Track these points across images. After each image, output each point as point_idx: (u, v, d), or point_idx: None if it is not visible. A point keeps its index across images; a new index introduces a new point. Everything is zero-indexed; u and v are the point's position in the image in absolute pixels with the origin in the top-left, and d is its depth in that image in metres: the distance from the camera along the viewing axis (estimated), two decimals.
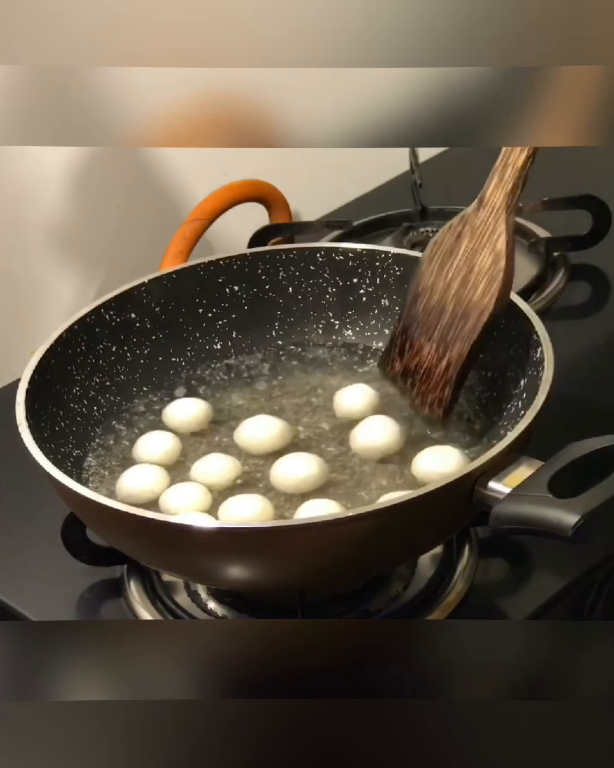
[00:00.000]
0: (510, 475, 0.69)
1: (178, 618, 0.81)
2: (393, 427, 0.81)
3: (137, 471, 0.80)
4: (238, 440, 0.82)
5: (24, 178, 1.25)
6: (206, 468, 0.80)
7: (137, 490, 0.79)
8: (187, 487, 0.78)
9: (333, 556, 0.70)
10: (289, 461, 0.79)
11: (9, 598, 0.84)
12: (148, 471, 0.80)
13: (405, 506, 0.67)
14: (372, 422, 0.81)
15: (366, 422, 0.81)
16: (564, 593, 0.81)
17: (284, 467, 0.78)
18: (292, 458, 0.79)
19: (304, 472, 0.78)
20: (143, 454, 0.82)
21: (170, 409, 0.86)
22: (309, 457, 0.79)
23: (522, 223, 1.16)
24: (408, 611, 0.80)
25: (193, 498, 0.77)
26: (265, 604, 0.81)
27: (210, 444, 0.84)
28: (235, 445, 0.83)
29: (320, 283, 0.91)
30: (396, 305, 0.89)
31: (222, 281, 0.90)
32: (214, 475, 0.79)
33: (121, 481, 0.80)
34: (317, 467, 0.78)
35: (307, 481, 0.77)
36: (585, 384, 0.97)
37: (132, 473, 0.80)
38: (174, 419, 0.85)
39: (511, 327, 0.82)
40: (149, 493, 0.79)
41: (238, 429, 0.83)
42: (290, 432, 0.82)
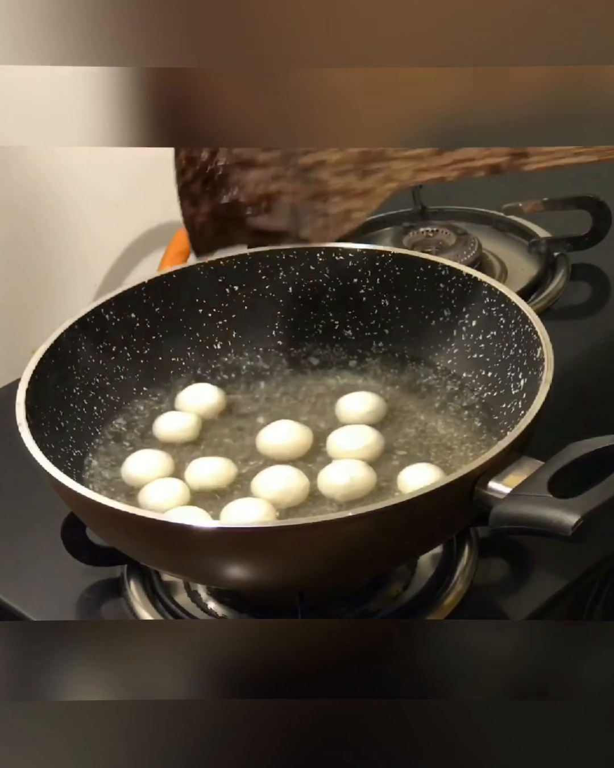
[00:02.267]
0: (510, 475, 0.69)
1: (178, 618, 0.81)
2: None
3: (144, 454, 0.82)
4: (260, 446, 0.82)
5: (24, 178, 1.25)
6: (200, 472, 0.80)
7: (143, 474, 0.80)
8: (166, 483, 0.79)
9: (334, 556, 0.70)
10: (271, 473, 0.79)
11: (9, 598, 0.84)
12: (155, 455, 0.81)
13: (405, 506, 0.67)
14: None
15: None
16: (564, 593, 0.81)
17: (267, 479, 0.78)
18: (274, 470, 0.79)
19: (286, 485, 0.77)
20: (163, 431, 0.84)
21: (185, 394, 0.87)
22: (291, 470, 0.78)
23: (522, 223, 1.16)
24: (408, 611, 0.80)
25: (170, 494, 0.78)
26: (265, 604, 0.81)
27: (210, 444, 0.84)
28: (235, 443, 0.83)
29: (320, 283, 0.91)
30: (396, 305, 0.89)
31: (222, 281, 0.90)
32: (209, 479, 0.79)
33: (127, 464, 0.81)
34: (299, 479, 0.78)
35: (290, 494, 0.77)
36: (585, 384, 0.97)
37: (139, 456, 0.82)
38: (188, 405, 0.86)
39: (511, 327, 0.82)
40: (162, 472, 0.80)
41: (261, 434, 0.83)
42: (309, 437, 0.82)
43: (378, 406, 0.84)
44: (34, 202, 1.26)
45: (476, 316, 0.85)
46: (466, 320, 0.86)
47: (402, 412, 0.85)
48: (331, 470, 0.78)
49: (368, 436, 0.80)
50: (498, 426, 0.81)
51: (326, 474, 0.78)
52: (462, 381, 0.86)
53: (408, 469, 0.78)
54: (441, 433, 0.83)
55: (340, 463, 0.78)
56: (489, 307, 0.84)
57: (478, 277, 0.85)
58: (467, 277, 0.86)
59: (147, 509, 0.76)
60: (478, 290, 0.85)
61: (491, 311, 0.84)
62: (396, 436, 0.83)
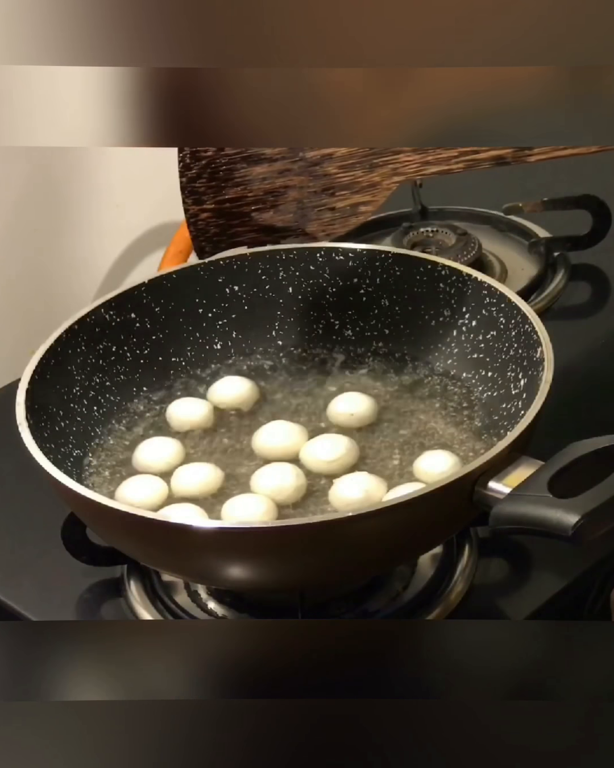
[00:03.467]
0: (510, 475, 0.69)
1: (178, 618, 0.81)
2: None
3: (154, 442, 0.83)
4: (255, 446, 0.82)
5: (24, 178, 1.25)
6: (189, 479, 0.80)
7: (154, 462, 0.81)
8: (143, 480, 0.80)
9: (334, 556, 0.70)
10: (268, 471, 0.79)
11: (9, 598, 0.84)
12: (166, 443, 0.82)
13: (405, 506, 0.67)
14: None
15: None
16: (564, 593, 0.81)
17: (264, 476, 0.78)
18: (271, 468, 0.79)
19: (281, 482, 0.77)
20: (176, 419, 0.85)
21: (218, 386, 0.87)
22: (287, 467, 0.79)
23: (522, 223, 1.16)
24: (408, 611, 0.80)
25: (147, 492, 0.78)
26: (265, 604, 0.81)
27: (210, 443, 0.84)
28: (235, 443, 0.83)
29: (320, 283, 0.91)
30: (396, 305, 0.89)
31: (222, 281, 0.90)
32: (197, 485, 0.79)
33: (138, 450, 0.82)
34: (295, 475, 0.78)
35: (287, 490, 0.77)
36: (585, 384, 0.97)
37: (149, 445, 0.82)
38: (220, 398, 0.87)
39: (511, 327, 0.82)
40: (165, 465, 0.81)
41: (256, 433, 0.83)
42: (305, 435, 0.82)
43: (365, 409, 0.84)
44: (34, 202, 1.26)
45: (476, 316, 0.85)
46: (466, 320, 0.86)
47: (402, 412, 0.85)
48: (341, 485, 0.77)
49: (341, 447, 0.80)
50: (498, 426, 0.81)
51: (337, 489, 0.77)
52: (462, 381, 0.86)
53: (426, 455, 0.79)
54: (441, 433, 0.83)
55: (352, 477, 0.78)
56: (489, 307, 0.84)
57: (478, 277, 0.85)
58: (467, 277, 0.86)
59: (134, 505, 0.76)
60: (478, 290, 0.85)
61: (491, 311, 0.84)
62: (397, 435, 0.83)
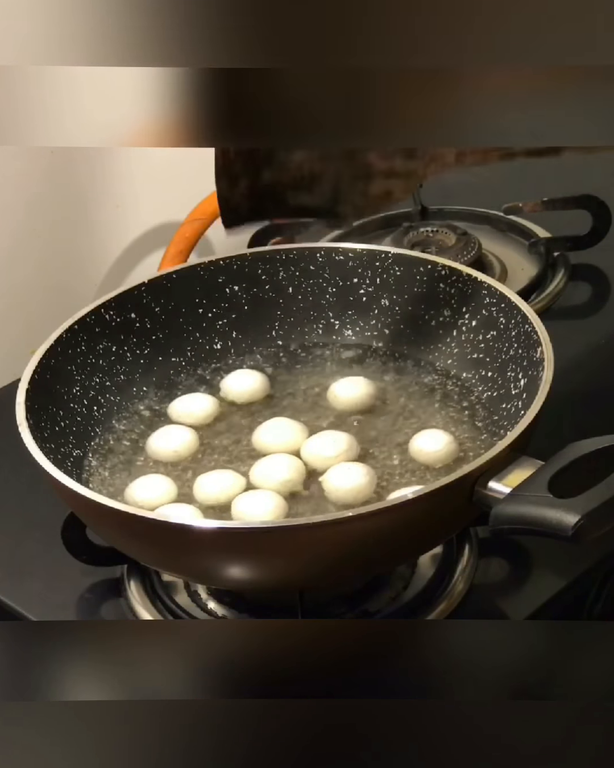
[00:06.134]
0: (510, 475, 0.69)
1: (178, 618, 0.81)
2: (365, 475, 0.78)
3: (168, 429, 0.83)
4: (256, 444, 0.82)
5: (24, 178, 1.25)
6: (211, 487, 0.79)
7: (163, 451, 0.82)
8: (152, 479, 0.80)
9: (334, 556, 0.70)
10: (269, 462, 0.79)
11: (9, 598, 0.84)
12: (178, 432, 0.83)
13: (405, 506, 0.67)
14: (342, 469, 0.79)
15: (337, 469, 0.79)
16: (564, 593, 0.81)
17: (263, 468, 0.79)
18: (273, 459, 0.79)
19: (281, 476, 0.78)
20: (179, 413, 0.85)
21: (229, 380, 0.88)
22: (290, 459, 0.79)
23: (523, 223, 1.16)
24: (408, 611, 0.80)
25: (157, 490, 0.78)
26: (265, 604, 0.81)
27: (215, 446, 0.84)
28: (235, 442, 0.83)
29: (320, 283, 0.91)
30: (396, 305, 0.89)
31: (222, 281, 0.90)
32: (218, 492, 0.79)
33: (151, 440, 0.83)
34: (295, 471, 0.78)
35: (285, 486, 0.77)
36: (585, 384, 0.97)
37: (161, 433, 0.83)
38: (232, 391, 0.87)
39: (511, 327, 0.82)
40: (173, 455, 0.82)
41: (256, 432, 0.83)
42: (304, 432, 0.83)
43: (364, 393, 0.85)
44: (34, 202, 1.26)
45: (476, 316, 0.85)
46: (466, 320, 0.86)
47: (402, 412, 0.85)
48: (333, 473, 0.77)
49: (342, 443, 0.80)
50: (498, 426, 0.81)
51: (329, 477, 0.78)
52: (462, 381, 0.86)
53: (422, 433, 0.80)
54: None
55: (345, 466, 0.78)
56: (489, 307, 0.84)
57: (478, 277, 0.85)
58: (467, 277, 0.86)
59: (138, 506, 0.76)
60: (478, 290, 0.85)
61: (491, 311, 0.84)
62: (396, 435, 0.83)
